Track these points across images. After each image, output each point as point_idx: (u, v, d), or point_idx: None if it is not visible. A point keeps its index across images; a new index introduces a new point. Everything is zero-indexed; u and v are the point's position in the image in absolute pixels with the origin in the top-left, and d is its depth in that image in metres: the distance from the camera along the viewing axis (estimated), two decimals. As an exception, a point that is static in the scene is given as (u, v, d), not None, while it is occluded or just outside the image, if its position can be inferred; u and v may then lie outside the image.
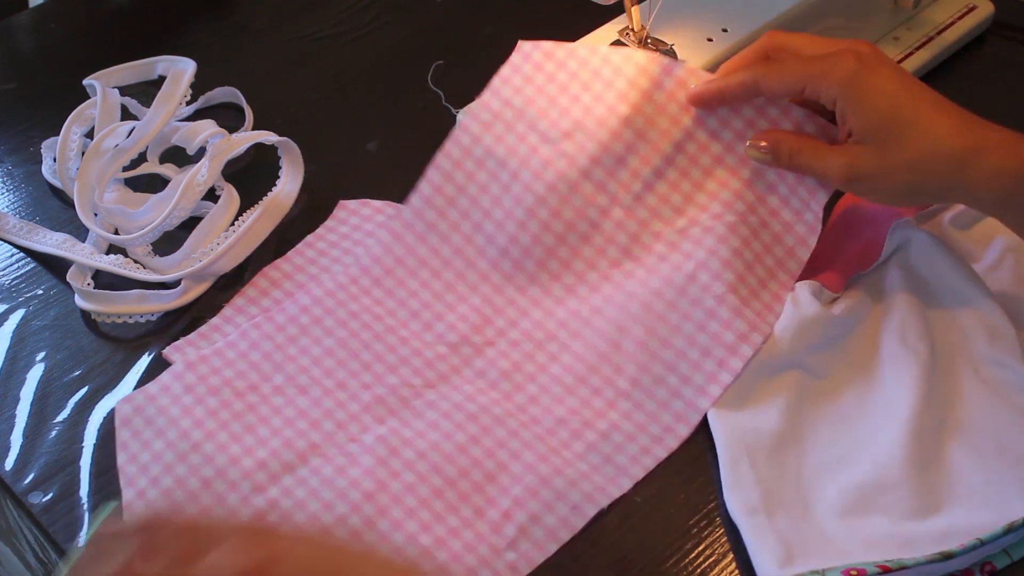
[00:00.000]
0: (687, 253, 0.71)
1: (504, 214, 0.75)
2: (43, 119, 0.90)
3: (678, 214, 0.72)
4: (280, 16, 1.02)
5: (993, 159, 0.64)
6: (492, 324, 0.72)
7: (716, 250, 0.70)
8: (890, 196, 0.68)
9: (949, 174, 0.65)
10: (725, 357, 0.68)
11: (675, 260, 0.71)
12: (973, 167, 0.64)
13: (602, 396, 0.69)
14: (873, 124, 0.66)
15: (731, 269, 0.70)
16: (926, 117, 0.65)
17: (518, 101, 0.76)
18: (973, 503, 0.63)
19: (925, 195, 0.68)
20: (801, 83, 0.68)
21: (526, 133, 0.75)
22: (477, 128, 0.76)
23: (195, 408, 0.68)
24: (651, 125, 0.73)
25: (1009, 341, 0.69)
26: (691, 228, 0.71)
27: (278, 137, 0.83)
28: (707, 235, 0.71)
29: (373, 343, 0.72)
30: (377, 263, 0.75)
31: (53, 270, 0.79)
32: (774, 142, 0.70)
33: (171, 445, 0.66)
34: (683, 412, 0.68)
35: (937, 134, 0.65)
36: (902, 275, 0.73)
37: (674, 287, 0.70)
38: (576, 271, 0.73)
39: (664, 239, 0.72)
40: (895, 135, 0.65)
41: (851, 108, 0.66)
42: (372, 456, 0.66)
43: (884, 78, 0.66)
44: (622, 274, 0.72)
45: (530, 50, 0.76)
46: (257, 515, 0.63)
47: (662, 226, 0.72)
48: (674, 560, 0.63)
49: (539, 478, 0.65)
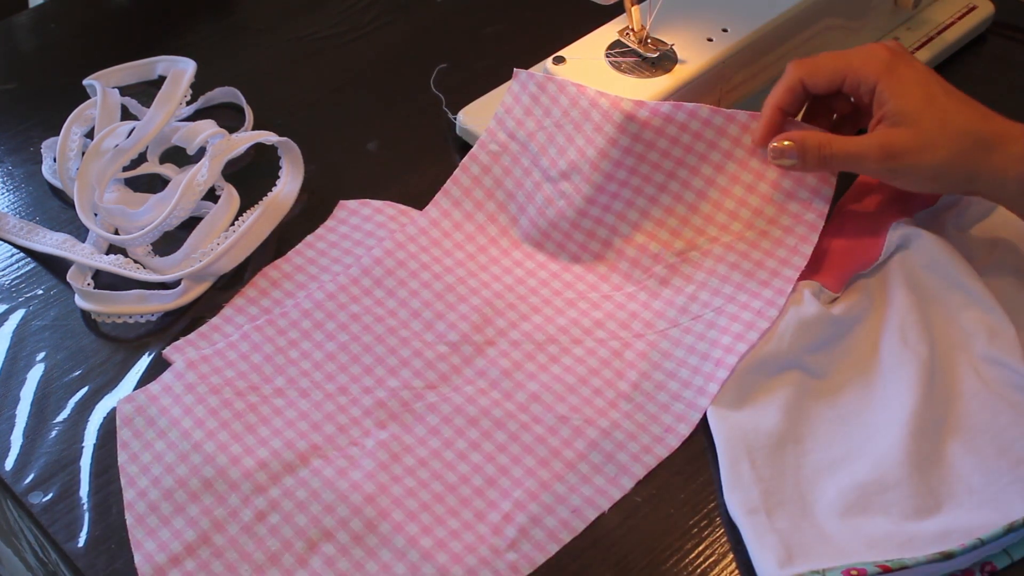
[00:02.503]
0: (687, 276, 0.73)
1: (511, 243, 0.77)
2: (43, 119, 0.90)
3: (675, 236, 0.74)
4: (280, 16, 1.02)
5: (1019, 145, 0.68)
6: (493, 324, 0.73)
7: (715, 269, 0.72)
8: (921, 177, 0.69)
9: (978, 157, 0.68)
10: (722, 357, 0.69)
11: (676, 283, 0.73)
12: (999, 152, 0.67)
13: (603, 396, 0.69)
14: (910, 105, 0.69)
15: (731, 282, 0.72)
16: (955, 104, 0.69)
17: (521, 134, 0.78)
18: (973, 503, 0.63)
19: (954, 178, 0.69)
20: (842, 74, 0.71)
21: (531, 168, 0.78)
22: (486, 158, 0.79)
23: (196, 407, 0.68)
24: (642, 161, 0.74)
25: (1009, 341, 0.69)
26: (690, 251, 0.73)
27: (278, 137, 0.83)
28: (706, 257, 0.73)
29: (374, 346, 0.72)
30: (378, 264, 0.76)
31: (53, 270, 0.79)
32: (800, 140, 0.71)
33: (172, 445, 0.66)
34: (684, 413, 0.68)
35: (968, 117, 0.68)
36: (902, 275, 0.73)
37: (676, 307, 0.72)
38: (578, 291, 0.75)
39: (664, 261, 0.74)
40: (931, 115, 0.68)
41: (890, 90, 0.69)
42: (373, 460, 0.66)
43: (917, 68, 0.71)
44: (624, 296, 0.74)
45: (526, 80, 0.78)
46: (258, 515, 0.63)
47: (660, 248, 0.74)
48: (674, 560, 0.63)
49: (540, 482, 0.65)
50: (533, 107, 0.78)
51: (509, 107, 0.79)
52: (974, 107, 0.69)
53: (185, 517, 0.63)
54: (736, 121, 0.73)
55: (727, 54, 0.78)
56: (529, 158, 0.78)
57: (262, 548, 0.62)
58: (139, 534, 0.63)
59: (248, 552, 0.62)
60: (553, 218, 0.76)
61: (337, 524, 0.63)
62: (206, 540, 0.63)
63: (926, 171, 0.69)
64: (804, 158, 0.71)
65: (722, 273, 0.72)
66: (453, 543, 0.62)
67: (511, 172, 0.78)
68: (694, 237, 0.73)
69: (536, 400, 0.69)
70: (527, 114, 0.78)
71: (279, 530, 0.63)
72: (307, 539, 0.63)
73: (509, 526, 0.63)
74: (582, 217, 0.76)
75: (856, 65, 0.70)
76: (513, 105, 0.78)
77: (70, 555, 0.63)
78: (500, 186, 0.79)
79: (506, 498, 0.64)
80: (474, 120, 0.85)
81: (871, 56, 0.70)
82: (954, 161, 0.68)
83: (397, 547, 0.62)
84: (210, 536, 0.63)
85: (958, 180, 0.69)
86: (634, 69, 0.77)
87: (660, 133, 0.74)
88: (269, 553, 0.62)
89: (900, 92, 0.69)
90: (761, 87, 0.85)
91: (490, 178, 0.79)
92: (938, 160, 0.68)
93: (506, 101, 0.79)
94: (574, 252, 0.76)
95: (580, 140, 0.75)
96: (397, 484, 0.65)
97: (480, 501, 0.65)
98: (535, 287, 0.75)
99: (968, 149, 0.68)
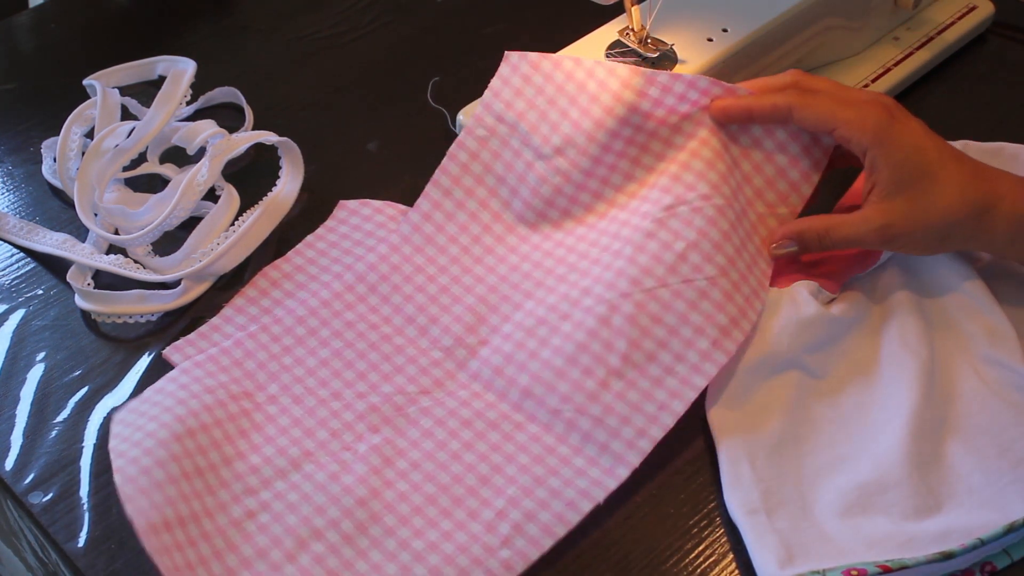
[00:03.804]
0: (675, 231, 0.70)
1: (505, 228, 0.76)
2: (43, 119, 0.91)
3: (665, 193, 0.72)
4: (280, 16, 1.02)
5: (1006, 205, 0.68)
6: (487, 322, 0.72)
7: (707, 232, 0.70)
8: (926, 246, 0.70)
9: (972, 221, 0.69)
10: (719, 338, 0.67)
11: (663, 237, 0.70)
12: (990, 213, 0.68)
13: (593, 376, 0.67)
14: (903, 175, 0.69)
15: (722, 252, 0.70)
16: (949, 168, 0.69)
17: (510, 116, 0.77)
18: (973, 503, 0.63)
19: (953, 242, 0.70)
20: (833, 124, 0.70)
21: (521, 149, 0.76)
22: (474, 144, 0.77)
23: (191, 401, 0.67)
24: (639, 131, 0.73)
25: (1009, 341, 0.69)
26: (678, 207, 0.71)
27: (278, 137, 0.83)
28: (696, 215, 0.70)
29: (368, 352, 0.72)
30: (372, 270, 0.75)
31: (53, 270, 0.79)
32: (798, 234, 0.72)
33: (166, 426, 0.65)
34: (678, 389, 0.66)
35: (961, 184, 0.69)
36: (901, 274, 0.73)
37: (664, 264, 0.69)
38: (569, 263, 0.73)
39: (651, 217, 0.71)
40: (925, 186, 0.68)
41: (883, 158, 0.69)
42: (366, 465, 0.66)
43: (911, 131, 0.70)
44: (611, 255, 0.71)
45: (517, 61, 0.77)
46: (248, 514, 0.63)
47: (649, 206, 0.72)
48: (674, 560, 0.63)
49: (534, 478, 0.65)
50: (524, 87, 0.77)
51: (497, 90, 0.77)
52: (965, 166, 0.69)
53: (178, 489, 0.62)
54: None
55: (727, 54, 0.78)
56: (519, 138, 0.76)
57: (250, 543, 0.62)
58: (129, 490, 0.61)
59: (236, 544, 0.62)
60: (549, 196, 0.75)
61: (327, 524, 0.63)
62: (196, 520, 0.62)
63: (927, 241, 0.70)
64: (805, 247, 0.72)
65: (715, 239, 0.70)
66: (445, 544, 0.62)
67: (500, 155, 0.77)
68: (683, 192, 0.71)
69: (528, 396, 0.68)
70: (517, 95, 0.77)
71: (268, 528, 0.62)
72: (297, 537, 0.62)
73: (503, 523, 0.63)
74: (580, 191, 0.74)
75: (850, 119, 0.69)
76: (501, 88, 0.77)
77: (70, 555, 0.63)
78: (489, 171, 0.77)
79: (500, 495, 0.64)
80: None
81: (867, 115, 0.69)
82: (950, 231, 0.69)
83: (388, 549, 0.62)
84: (200, 519, 0.62)
85: (957, 243, 0.70)
86: (634, 69, 0.77)
87: (658, 103, 0.73)
88: (257, 548, 0.62)
89: (893, 162, 0.69)
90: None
91: (479, 164, 0.77)
92: (934, 233, 0.69)
93: (494, 84, 0.77)
94: (570, 227, 0.75)
95: (575, 112, 0.74)
96: (389, 488, 0.65)
97: (473, 500, 0.64)
98: (528, 271, 0.74)
99: (962, 218, 0.68)
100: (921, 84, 0.92)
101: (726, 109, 0.72)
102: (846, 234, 0.71)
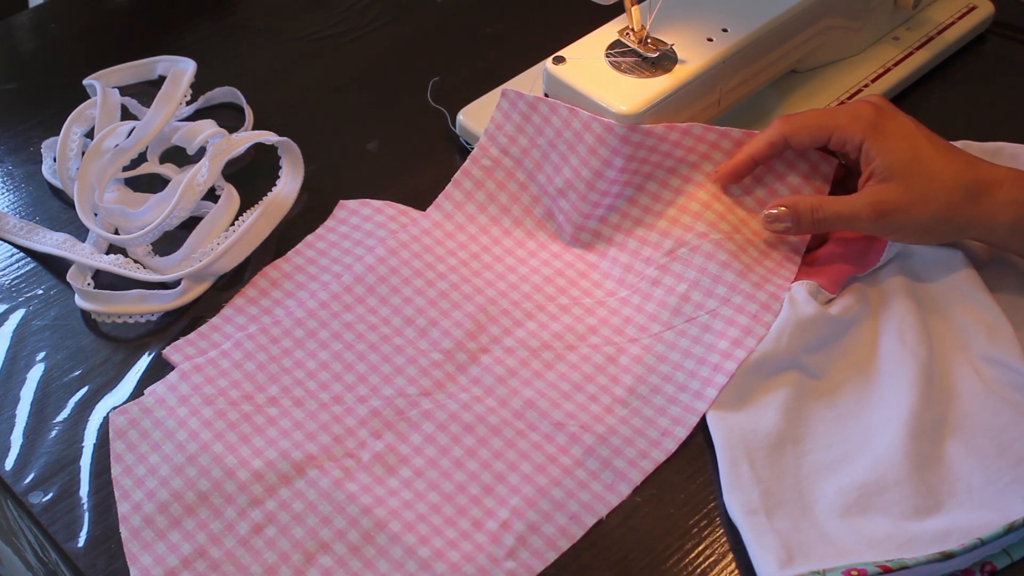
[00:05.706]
0: (678, 275, 0.73)
1: (504, 251, 0.77)
2: (43, 119, 0.91)
3: (665, 236, 0.74)
4: (280, 16, 1.02)
5: (1004, 191, 0.69)
6: (487, 331, 0.72)
7: (705, 268, 0.72)
8: (917, 230, 0.70)
9: (967, 207, 0.69)
10: (719, 362, 0.69)
11: (668, 283, 0.73)
12: (987, 199, 0.69)
13: (599, 402, 0.69)
14: (898, 160, 0.69)
15: (723, 282, 0.72)
16: (941, 156, 0.70)
17: (515, 150, 0.79)
18: (973, 503, 0.63)
19: (947, 227, 0.70)
20: (827, 133, 0.71)
21: (527, 183, 0.78)
22: (479, 173, 0.79)
23: (190, 419, 0.68)
24: (636, 174, 0.75)
25: (1008, 340, 0.69)
26: (679, 249, 0.73)
27: (278, 137, 0.83)
28: (695, 254, 0.73)
29: (368, 354, 0.72)
30: (371, 271, 0.76)
31: (53, 270, 0.79)
32: (792, 205, 0.72)
33: (167, 458, 0.66)
34: (680, 416, 0.68)
35: (955, 166, 0.69)
36: (900, 274, 0.73)
37: (669, 308, 0.72)
38: (572, 296, 0.75)
39: (655, 263, 0.74)
40: (919, 170, 0.69)
41: (877, 147, 0.70)
42: (369, 473, 0.66)
43: (902, 122, 0.71)
44: (618, 301, 0.74)
45: (514, 98, 0.78)
46: (255, 528, 0.63)
47: (651, 251, 0.74)
48: (674, 560, 0.63)
49: (537, 489, 0.65)
50: (524, 125, 0.78)
51: (499, 123, 0.79)
52: (958, 156, 0.70)
53: (181, 531, 0.63)
54: (730, 137, 0.75)
55: (727, 54, 0.78)
56: (524, 173, 0.78)
57: (259, 561, 0.62)
58: (134, 547, 0.63)
59: (245, 565, 0.62)
60: (553, 232, 0.78)
61: (334, 536, 0.63)
62: (202, 553, 0.62)
63: (918, 225, 0.70)
64: (798, 222, 0.72)
65: (713, 272, 0.72)
66: (451, 553, 0.62)
67: (505, 187, 0.79)
68: (682, 234, 0.73)
69: (531, 407, 0.69)
70: (519, 131, 0.78)
71: (276, 543, 0.63)
72: (304, 551, 0.62)
73: (507, 534, 0.63)
74: (579, 231, 0.77)
75: (842, 124, 0.71)
76: (503, 122, 0.79)
77: (70, 555, 0.63)
78: (494, 200, 0.79)
79: (503, 506, 0.64)
80: (474, 120, 0.85)
81: (856, 115, 0.71)
82: (945, 214, 0.69)
83: (395, 558, 0.62)
84: (206, 549, 0.62)
85: (950, 231, 0.70)
86: (634, 69, 0.77)
87: (653, 151, 0.74)
88: (266, 566, 0.62)
89: (886, 148, 0.70)
90: (761, 87, 0.85)
91: (483, 192, 0.79)
92: (929, 214, 0.69)
93: (496, 118, 0.79)
94: (570, 260, 0.76)
95: (574, 160, 0.75)
96: (394, 496, 0.65)
97: (477, 510, 0.64)
98: (528, 292, 0.75)
99: (957, 202, 0.69)
100: (921, 84, 0.92)
101: (732, 169, 0.74)
102: (838, 208, 0.71)
